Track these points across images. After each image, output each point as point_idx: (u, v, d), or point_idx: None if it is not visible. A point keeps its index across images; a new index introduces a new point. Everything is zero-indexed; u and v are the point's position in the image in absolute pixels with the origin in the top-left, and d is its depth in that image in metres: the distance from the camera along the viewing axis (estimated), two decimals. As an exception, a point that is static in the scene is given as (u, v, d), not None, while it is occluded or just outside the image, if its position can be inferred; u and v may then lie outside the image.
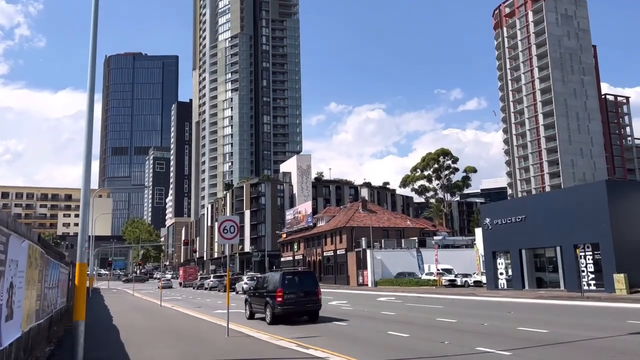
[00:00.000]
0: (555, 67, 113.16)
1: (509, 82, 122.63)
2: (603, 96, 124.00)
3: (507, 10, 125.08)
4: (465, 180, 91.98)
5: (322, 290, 36.50)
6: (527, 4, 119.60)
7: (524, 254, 37.47)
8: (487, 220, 40.94)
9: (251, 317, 20.95)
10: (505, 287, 38.55)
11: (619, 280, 29.68)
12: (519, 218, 37.58)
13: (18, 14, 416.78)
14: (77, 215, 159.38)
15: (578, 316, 18.38)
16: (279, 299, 18.08)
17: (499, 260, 39.84)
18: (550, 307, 22.77)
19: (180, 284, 76.06)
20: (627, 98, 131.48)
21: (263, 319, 19.18)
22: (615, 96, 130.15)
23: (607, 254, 30.84)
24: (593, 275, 31.89)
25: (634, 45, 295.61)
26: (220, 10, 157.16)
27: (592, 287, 31.46)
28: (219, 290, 53.09)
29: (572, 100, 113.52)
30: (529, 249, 37.39)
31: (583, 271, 32.27)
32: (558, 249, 34.63)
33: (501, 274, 39.53)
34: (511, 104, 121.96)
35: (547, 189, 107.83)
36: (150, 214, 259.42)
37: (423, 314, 20.32)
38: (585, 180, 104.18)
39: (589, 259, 32.22)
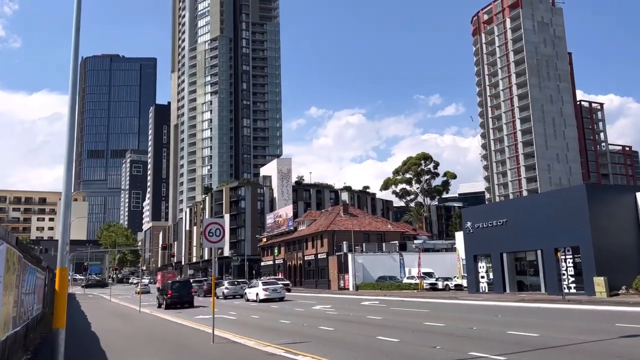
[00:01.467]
0: (532, 73, 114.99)
1: (487, 88, 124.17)
2: (578, 102, 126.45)
3: (486, 17, 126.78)
4: (445, 185, 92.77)
5: (303, 294, 39.35)
6: (504, 11, 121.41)
7: (505, 257, 37.67)
8: (469, 223, 41.09)
9: (159, 306, 34.26)
10: (487, 290, 38.70)
11: (599, 283, 29.99)
12: (500, 222, 37.79)
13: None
14: (51, 219, 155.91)
15: (565, 319, 18.40)
16: (169, 295, 33.11)
17: (480, 264, 40.01)
18: (535, 310, 22.82)
19: (159, 289, 74.70)
20: (601, 104, 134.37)
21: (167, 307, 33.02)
22: (590, 102, 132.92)
23: (587, 257, 31.14)
24: (573, 279, 32.16)
25: (607, 53, 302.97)
26: (199, 13, 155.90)
27: (573, 290, 31.73)
28: (198, 295, 52.23)
29: (549, 106, 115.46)
30: (510, 253, 37.60)
31: (563, 274, 32.53)
32: (539, 252, 34.88)
33: (482, 277, 39.69)
34: (489, 109, 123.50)
35: (524, 193, 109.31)
36: (126, 218, 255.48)
37: (410, 318, 20.13)
38: (562, 184, 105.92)
39: (569, 262, 32.51)
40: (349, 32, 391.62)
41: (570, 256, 32.41)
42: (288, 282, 58.27)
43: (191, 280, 62.08)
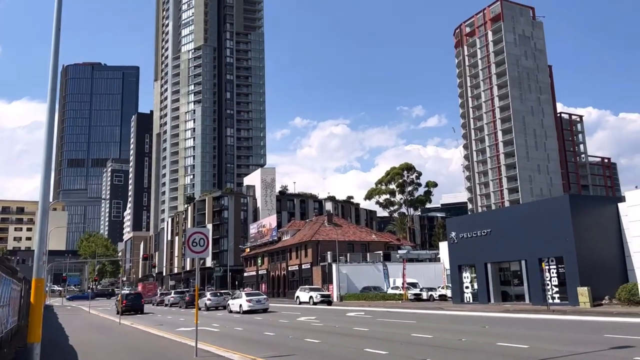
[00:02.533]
0: (513, 85, 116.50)
1: (470, 100, 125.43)
2: (558, 114, 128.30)
3: (468, 29, 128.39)
4: (428, 195, 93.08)
5: (287, 305, 38.86)
6: (486, 24, 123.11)
7: (489, 267, 37.73)
8: (453, 234, 41.13)
9: (117, 313, 37.95)
10: (471, 300, 38.67)
11: (583, 293, 30.14)
12: (484, 232, 37.87)
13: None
14: (29, 229, 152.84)
15: (552, 330, 18.28)
16: (123, 304, 40.30)
17: (464, 274, 40.01)
18: (522, 321, 22.71)
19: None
20: (581, 117, 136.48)
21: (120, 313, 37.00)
22: (570, 115, 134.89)
23: (570, 268, 31.30)
24: (557, 289, 32.29)
25: (586, 67, 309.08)
26: (183, 22, 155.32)
27: (557, 300, 31.83)
28: (180, 307, 51.41)
29: (530, 118, 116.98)
30: (494, 263, 37.67)
31: (547, 284, 32.64)
32: (523, 262, 34.99)
33: (467, 287, 39.68)
34: (471, 120, 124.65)
35: (506, 204, 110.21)
36: (107, 228, 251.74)
37: (397, 330, 19.83)
38: (543, 195, 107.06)
39: (553, 273, 32.64)
40: (333, 43, 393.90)
41: (554, 266, 32.55)
42: (329, 293, 50.23)
43: (173, 292, 61.51)
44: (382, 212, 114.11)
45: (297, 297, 49.84)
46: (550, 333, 17.22)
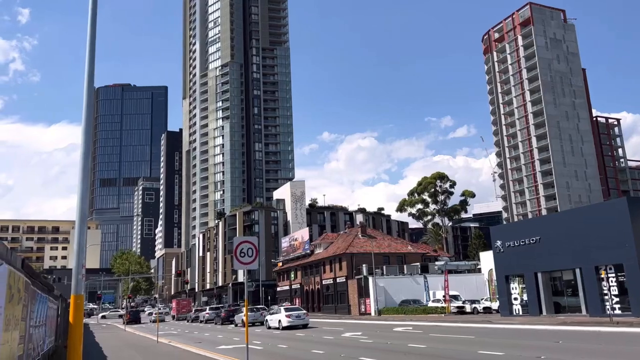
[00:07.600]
0: (546, 90, 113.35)
1: (501, 106, 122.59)
2: (594, 118, 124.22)
3: (497, 35, 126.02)
4: (464, 204, 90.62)
5: (325, 320, 36.49)
6: (515, 28, 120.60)
7: (540, 277, 35.62)
8: (499, 242, 39.12)
9: (123, 323, 47.74)
10: (521, 312, 36.59)
11: (648, 303, 27.90)
12: (532, 239, 35.83)
13: (13, 50, 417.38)
14: (64, 248, 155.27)
15: (637, 344, 16.41)
16: (127, 317, 56.10)
17: (512, 285, 37.95)
18: (593, 334, 20.76)
19: (173, 317, 72.97)
20: (618, 120, 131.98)
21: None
22: (607, 118, 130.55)
23: (632, 275, 29.08)
24: (617, 299, 30.06)
25: (619, 70, 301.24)
26: (210, 40, 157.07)
27: (617, 311, 29.59)
28: (215, 323, 50.52)
29: (564, 123, 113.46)
30: (544, 272, 35.55)
31: (606, 294, 30.44)
32: (577, 271, 32.87)
33: (515, 299, 37.59)
34: (504, 127, 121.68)
35: (544, 212, 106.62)
36: (139, 245, 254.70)
37: (459, 346, 18.19)
38: (581, 202, 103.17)
39: (612, 281, 30.44)
40: (359, 56, 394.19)
41: (613, 274, 30.35)
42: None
43: (208, 308, 60.62)
44: (414, 224, 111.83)
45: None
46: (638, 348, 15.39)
